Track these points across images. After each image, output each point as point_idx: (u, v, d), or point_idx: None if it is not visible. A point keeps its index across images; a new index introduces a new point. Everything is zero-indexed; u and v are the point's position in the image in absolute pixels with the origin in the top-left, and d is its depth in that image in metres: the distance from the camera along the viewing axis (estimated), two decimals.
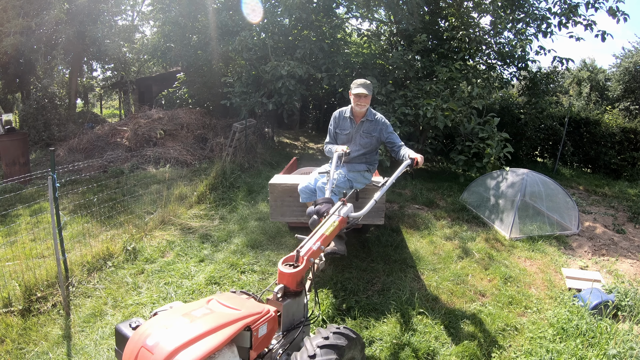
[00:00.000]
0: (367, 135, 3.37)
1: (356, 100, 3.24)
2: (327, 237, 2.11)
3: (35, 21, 9.92)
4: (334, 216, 2.25)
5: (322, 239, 2.06)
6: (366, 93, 3.18)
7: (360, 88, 3.20)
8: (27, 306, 2.84)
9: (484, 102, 7.05)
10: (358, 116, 3.38)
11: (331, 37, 8.72)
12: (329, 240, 2.15)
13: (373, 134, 3.37)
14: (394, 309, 2.92)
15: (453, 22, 8.72)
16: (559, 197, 5.16)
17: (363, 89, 3.18)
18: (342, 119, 3.47)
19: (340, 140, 3.50)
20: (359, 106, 3.26)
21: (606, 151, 9.72)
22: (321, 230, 2.12)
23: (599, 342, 2.50)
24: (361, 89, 3.18)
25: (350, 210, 2.34)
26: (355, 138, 3.40)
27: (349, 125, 3.41)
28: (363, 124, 3.36)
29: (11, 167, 6.54)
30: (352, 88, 3.24)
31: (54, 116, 10.45)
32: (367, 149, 3.42)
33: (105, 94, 21.58)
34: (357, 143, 3.39)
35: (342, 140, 3.46)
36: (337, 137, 3.50)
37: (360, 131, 3.38)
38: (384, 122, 3.38)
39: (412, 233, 4.64)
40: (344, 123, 3.45)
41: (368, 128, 3.37)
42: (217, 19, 9.35)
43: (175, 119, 9.40)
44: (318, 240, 2.04)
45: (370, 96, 3.26)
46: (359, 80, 3.24)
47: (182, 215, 4.85)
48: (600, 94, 19.11)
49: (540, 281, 3.61)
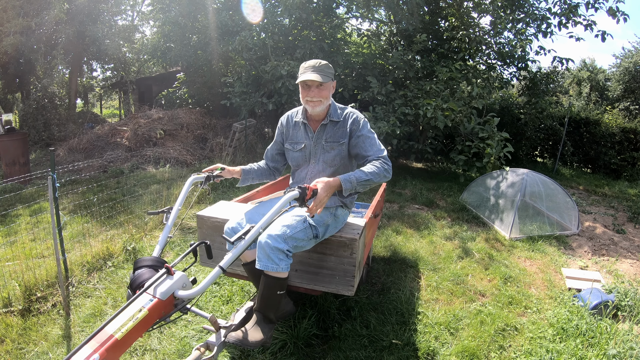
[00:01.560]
0: (332, 145, 2.20)
1: (304, 93, 2.11)
2: (118, 343, 1.17)
3: (35, 21, 9.92)
4: (142, 298, 1.30)
5: (108, 346, 1.14)
6: (319, 80, 2.04)
7: (308, 73, 2.06)
8: (27, 306, 2.83)
9: (484, 102, 7.06)
10: (315, 119, 2.25)
11: (331, 37, 8.73)
12: (123, 347, 1.20)
13: (342, 140, 2.20)
14: (394, 308, 2.92)
15: (453, 22, 8.72)
16: (559, 197, 5.16)
17: (313, 74, 2.04)
18: (293, 127, 2.33)
19: (293, 160, 2.33)
20: (309, 103, 2.12)
21: (606, 151, 9.73)
22: (109, 328, 1.19)
23: (599, 342, 2.50)
24: (310, 74, 2.04)
25: (179, 285, 1.35)
26: (314, 154, 2.25)
27: (302, 134, 2.28)
28: (325, 130, 2.23)
29: (11, 167, 6.53)
30: (299, 74, 2.14)
31: (54, 116, 10.46)
32: (336, 167, 2.23)
33: (105, 94, 21.58)
34: (319, 161, 2.23)
35: (297, 160, 2.30)
36: (289, 155, 2.36)
37: (321, 142, 2.22)
38: (356, 118, 2.20)
39: (412, 233, 4.64)
40: (296, 132, 2.31)
41: (333, 134, 2.21)
42: (217, 19, 9.36)
43: (175, 119, 9.40)
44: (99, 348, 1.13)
45: (329, 85, 2.14)
46: (308, 62, 2.13)
47: (182, 215, 4.85)
48: (600, 94, 19.12)
49: (540, 281, 3.61)
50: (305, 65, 2.13)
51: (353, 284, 2.20)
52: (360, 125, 2.20)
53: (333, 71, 2.18)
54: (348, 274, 2.19)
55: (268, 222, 1.61)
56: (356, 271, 2.20)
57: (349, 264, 2.18)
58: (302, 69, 2.13)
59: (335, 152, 2.22)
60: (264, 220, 1.60)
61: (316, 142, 2.25)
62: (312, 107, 2.14)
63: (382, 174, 2.04)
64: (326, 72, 2.11)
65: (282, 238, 1.89)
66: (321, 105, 2.14)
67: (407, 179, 7.22)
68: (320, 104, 2.13)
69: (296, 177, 2.38)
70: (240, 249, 1.50)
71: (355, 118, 2.21)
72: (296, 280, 2.30)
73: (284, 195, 1.67)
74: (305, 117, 2.28)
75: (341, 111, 2.27)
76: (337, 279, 2.21)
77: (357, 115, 2.23)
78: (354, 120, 2.21)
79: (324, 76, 2.08)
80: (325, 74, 2.10)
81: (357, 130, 2.18)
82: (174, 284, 1.34)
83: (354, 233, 2.19)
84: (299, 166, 2.33)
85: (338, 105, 2.31)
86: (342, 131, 2.23)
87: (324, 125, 2.24)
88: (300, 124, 2.30)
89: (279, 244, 1.87)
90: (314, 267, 2.25)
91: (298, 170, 2.35)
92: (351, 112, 2.26)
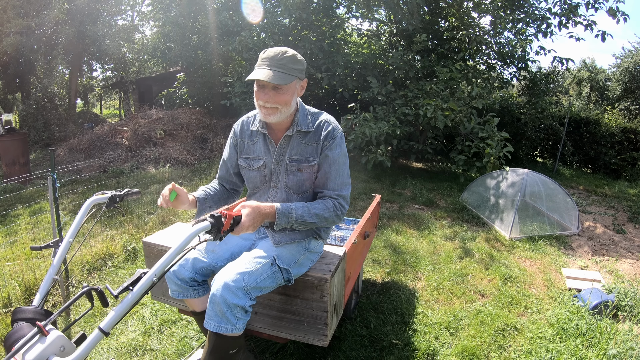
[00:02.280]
0: (298, 166, 1.67)
1: (256, 95, 1.58)
2: None
3: (35, 21, 9.92)
4: None
5: None
6: (272, 82, 1.49)
7: (262, 68, 1.51)
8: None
9: (484, 102, 7.06)
10: (276, 128, 1.70)
11: (331, 37, 8.73)
12: None
13: (312, 159, 1.67)
14: (394, 308, 2.92)
15: (453, 22, 8.72)
16: (559, 197, 5.16)
17: (267, 71, 1.50)
18: (249, 137, 1.77)
19: (249, 181, 1.80)
20: (262, 110, 1.58)
21: (606, 151, 9.73)
22: None
23: (599, 342, 2.50)
24: (263, 71, 1.50)
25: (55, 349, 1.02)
26: (276, 176, 1.72)
27: (261, 148, 1.73)
28: (290, 143, 1.68)
29: (11, 167, 6.53)
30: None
31: (54, 116, 10.46)
32: (304, 196, 1.74)
33: (105, 94, 21.58)
34: (281, 186, 1.72)
35: (253, 181, 1.78)
36: (244, 174, 1.82)
37: (284, 159, 1.69)
38: (332, 131, 1.67)
39: (412, 233, 4.64)
40: (253, 145, 1.76)
41: (301, 150, 1.67)
42: (217, 19, 9.37)
43: (175, 119, 9.40)
44: None
45: (292, 87, 1.57)
46: (268, 51, 1.55)
47: (182, 215, 4.85)
48: (600, 94, 19.12)
49: (540, 281, 3.61)
50: (262, 56, 1.54)
51: (326, 332, 1.74)
52: (335, 142, 1.66)
53: (303, 66, 1.59)
54: (319, 321, 1.73)
55: (166, 264, 1.13)
56: (330, 317, 1.74)
57: (320, 309, 1.71)
58: (259, 60, 1.56)
59: (303, 175, 1.68)
60: (162, 262, 1.12)
61: (278, 160, 1.69)
62: (265, 115, 1.58)
63: (331, 221, 1.66)
64: (289, 69, 1.52)
65: (242, 290, 1.46)
66: (278, 114, 1.57)
67: (407, 179, 7.22)
68: (277, 112, 1.56)
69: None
70: (127, 304, 1.06)
71: (330, 130, 1.67)
72: (257, 325, 1.85)
73: (191, 228, 1.23)
74: (264, 125, 1.70)
75: (313, 118, 1.70)
76: (306, 326, 1.76)
77: (333, 127, 1.68)
78: (328, 133, 1.66)
79: (284, 75, 1.50)
80: (287, 72, 1.52)
81: (328, 147, 1.66)
82: (47, 349, 1.01)
83: (325, 270, 1.74)
84: (256, 189, 1.80)
85: (310, 110, 1.73)
86: (314, 147, 1.67)
87: (288, 137, 1.67)
88: (258, 133, 1.73)
89: (239, 299, 1.45)
90: (276, 310, 1.80)
91: (256, 194, 1.81)
92: (326, 120, 1.70)
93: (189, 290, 1.71)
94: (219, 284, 1.47)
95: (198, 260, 1.70)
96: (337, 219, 1.68)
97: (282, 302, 1.79)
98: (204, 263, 1.70)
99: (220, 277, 1.50)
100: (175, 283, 1.70)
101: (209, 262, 1.70)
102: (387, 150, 7.05)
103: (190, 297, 1.72)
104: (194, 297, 1.73)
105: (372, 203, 3.01)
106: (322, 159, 1.68)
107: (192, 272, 1.69)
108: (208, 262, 1.70)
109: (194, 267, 1.69)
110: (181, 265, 1.68)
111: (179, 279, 1.69)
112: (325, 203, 1.65)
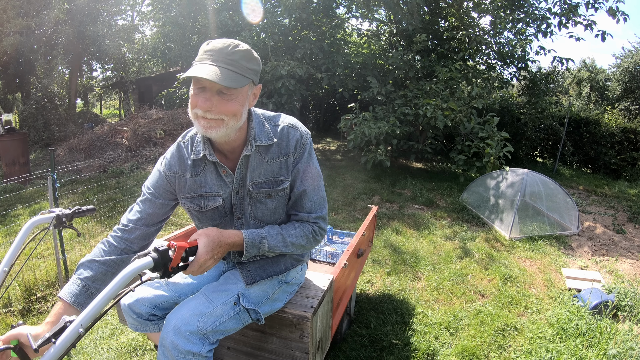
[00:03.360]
0: (265, 191, 1.32)
1: (193, 100, 1.14)
2: None
3: (35, 21, 9.92)
4: None
5: None
6: (221, 85, 1.08)
7: (205, 63, 1.09)
8: (27, 306, 2.83)
9: (484, 101, 7.06)
10: (227, 149, 1.29)
11: (331, 37, 8.74)
12: None
13: (282, 179, 1.32)
14: (394, 308, 2.92)
15: (453, 22, 8.73)
16: (558, 197, 5.16)
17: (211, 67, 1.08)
18: (192, 171, 1.31)
19: (203, 222, 1.39)
20: (200, 121, 1.15)
21: (606, 151, 9.73)
22: None
23: (599, 342, 2.50)
24: (205, 67, 1.07)
25: None
26: (239, 206, 1.35)
27: (213, 181, 1.31)
28: (249, 164, 1.29)
29: (11, 167, 6.53)
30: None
31: (54, 116, 10.46)
32: (276, 221, 1.39)
33: (105, 94, 21.59)
34: (248, 217, 1.36)
35: (209, 222, 1.37)
36: (193, 216, 1.40)
37: (246, 185, 1.31)
38: (301, 137, 1.32)
39: (412, 233, 4.64)
40: (198, 178, 1.31)
41: (265, 170, 1.31)
42: (217, 19, 9.37)
43: (175, 119, 9.41)
44: None
45: (244, 92, 1.17)
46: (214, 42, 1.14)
47: (182, 215, 4.85)
48: (600, 94, 19.12)
49: (540, 281, 3.61)
50: (206, 48, 1.13)
51: None
52: (306, 152, 1.33)
53: (259, 66, 1.21)
54: None
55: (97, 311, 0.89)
56: (313, 357, 1.51)
57: (300, 350, 1.46)
58: (200, 53, 1.14)
59: (273, 202, 1.33)
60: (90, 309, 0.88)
61: (239, 188, 1.31)
62: (205, 129, 1.15)
63: (309, 247, 1.38)
64: (241, 67, 1.13)
65: (197, 335, 1.20)
66: (223, 127, 1.15)
67: (407, 179, 7.22)
68: (221, 125, 1.15)
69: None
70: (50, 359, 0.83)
71: (298, 137, 1.31)
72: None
73: (130, 264, 0.97)
74: (210, 148, 1.27)
75: (272, 125, 1.32)
76: None
77: (300, 132, 1.32)
78: (297, 142, 1.31)
79: (234, 74, 1.11)
80: (240, 71, 1.12)
81: (298, 159, 1.32)
82: None
83: (307, 306, 1.47)
84: (214, 223, 1.39)
85: (264, 115, 1.34)
86: (281, 162, 1.31)
87: (247, 157, 1.28)
88: (203, 162, 1.30)
89: (193, 344, 1.19)
90: (250, 346, 1.56)
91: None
92: (290, 124, 1.32)
93: (148, 325, 1.43)
94: (169, 327, 1.22)
95: (156, 294, 1.41)
96: (316, 244, 1.40)
97: (257, 339, 1.53)
98: (164, 297, 1.41)
99: (171, 318, 1.24)
100: (131, 317, 1.42)
101: (170, 295, 1.42)
102: (387, 150, 7.05)
103: (150, 332, 1.46)
104: (154, 332, 1.45)
105: (368, 216, 2.71)
106: (294, 176, 1.32)
107: (149, 306, 1.40)
108: (169, 296, 1.42)
109: (152, 301, 1.40)
110: (138, 300, 1.40)
111: (136, 314, 1.41)
112: (303, 228, 1.34)
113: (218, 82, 1.06)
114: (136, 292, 1.39)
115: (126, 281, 0.95)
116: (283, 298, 1.47)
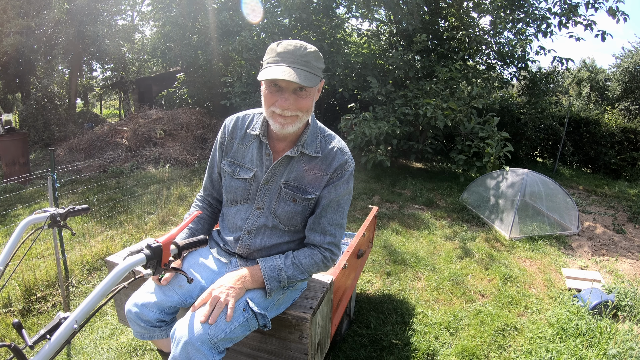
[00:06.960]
0: (293, 196, 1.39)
1: (271, 99, 1.25)
2: None
3: (35, 21, 9.93)
4: None
5: None
6: (299, 84, 1.19)
7: (283, 65, 1.19)
8: (27, 306, 2.83)
9: (484, 101, 7.06)
10: (279, 138, 1.38)
11: (331, 37, 8.73)
12: None
13: (312, 192, 1.38)
14: (394, 308, 2.92)
15: (453, 22, 8.73)
16: (558, 197, 5.16)
17: (291, 70, 1.18)
18: (242, 139, 1.45)
19: (229, 190, 1.47)
20: (277, 119, 1.27)
21: (606, 151, 9.74)
22: None
23: (599, 342, 2.50)
24: (285, 69, 1.18)
25: None
26: (262, 196, 1.41)
27: (254, 156, 1.42)
28: (290, 165, 1.38)
29: (11, 167, 6.53)
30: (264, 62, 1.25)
31: (54, 116, 10.47)
32: (291, 230, 1.46)
33: (105, 94, 21.59)
34: (266, 210, 1.42)
35: (234, 191, 1.45)
36: (225, 180, 1.49)
37: (277, 182, 1.39)
38: (345, 163, 1.38)
39: (412, 233, 4.64)
40: (244, 149, 1.44)
41: (302, 177, 1.38)
42: (217, 19, 9.37)
43: (175, 119, 9.40)
44: None
45: (314, 90, 1.27)
46: (285, 43, 1.23)
47: (182, 215, 4.85)
48: (600, 94, 19.12)
49: (540, 281, 3.61)
50: (278, 50, 1.21)
51: None
52: (344, 178, 1.38)
53: (324, 65, 1.32)
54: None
55: (90, 308, 0.92)
56: (312, 358, 1.53)
57: (299, 351, 1.49)
58: (271, 54, 1.23)
59: (296, 208, 1.39)
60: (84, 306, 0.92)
61: (270, 179, 1.39)
62: (282, 126, 1.26)
63: (320, 272, 1.52)
64: (313, 67, 1.23)
65: (208, 345, 1.19)
66: (297, 122, 1.27)
67: (407, 179, 7.22)
68: (296, 121, 1.27)
69: (227, 221, 1.53)
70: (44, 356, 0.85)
71: (342, 162, 1.38)
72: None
73: (122, 261, 1.00)
74: (265, 131, 1.38)
75: (324, 141, 1.39)
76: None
77: (346, 158, 1.39)
78: (340, 166, 1.37)
79: (310, 74, 1.21)
80: (313, 71, 1.22)
81: (334, 181, 1.37)
82: None
83: (306, 307, 1.50)
84: (234, 203, 1.47)
85: (322, 130, 1.42)
86: (317, 177, 1.37)
87: (289, 158, 1.36)
88: (255, 138, 1.41)
89: (203, 356, 1.18)
90: (249, 347, 1.58)
91: (233, 208, 1.48)
92: (340, 148, 1.39)
93: (156, 332, 1.41)
94: (178, 339, 1.20)
95: (164, 299, 1.38)
96: (326, 270, 1.49)
97: (256, 340, 1.55)
98: (172, 301, 1.39)
99: (180, 329, 1.22)
100: (138, 325, 1.39)
101: (178, 299, 1.40)
102: (387, 150, 7.05)
103: (158, 339, 1.43)
104: (161, 338, 1.43)
105: (368, 217, 2.70)
106: (323, 194, 1.39)
107: (158, 312, 1.38)
108: (176, 300, 1.39)
109: (160, 307, 1.38)
110: (144, 306, 1.38)
111: (144, 321, 1.38)
112: (313, 257, 1.41)
113: (300, 83, 1.18)
114: (141, 298, 1.40)
115: (119, 277, 0.98)
116: (287, 303, 1.49)
